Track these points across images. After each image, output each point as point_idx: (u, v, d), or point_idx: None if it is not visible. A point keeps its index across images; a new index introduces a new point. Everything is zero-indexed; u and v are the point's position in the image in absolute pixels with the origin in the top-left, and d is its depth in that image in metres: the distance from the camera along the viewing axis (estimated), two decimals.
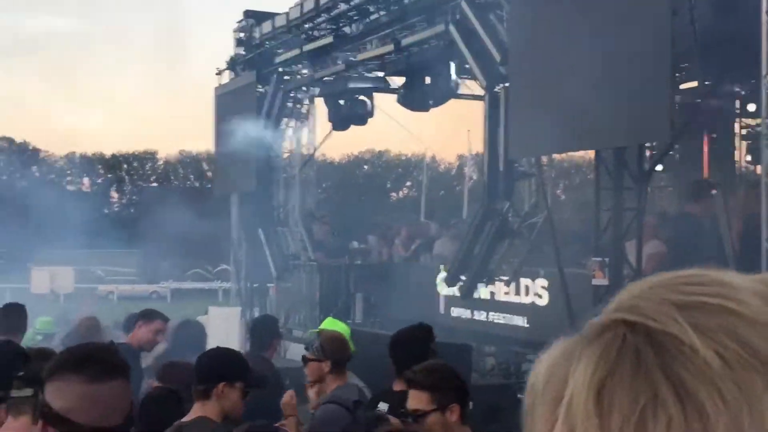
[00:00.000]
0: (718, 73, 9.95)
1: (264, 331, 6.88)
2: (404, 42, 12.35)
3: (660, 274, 0.69)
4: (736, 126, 16.21)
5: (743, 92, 15.17)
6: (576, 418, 0.64)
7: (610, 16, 8.43)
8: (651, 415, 0.61)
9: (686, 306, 0.65)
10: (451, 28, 11.00)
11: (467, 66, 11.43)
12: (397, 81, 14.39)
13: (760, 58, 7.90)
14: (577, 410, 0.64)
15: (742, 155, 16.17)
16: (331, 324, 6.23)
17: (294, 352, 14.95)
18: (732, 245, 8.11)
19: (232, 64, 17.12)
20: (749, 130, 16.17)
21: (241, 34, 16.89)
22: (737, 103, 15.76)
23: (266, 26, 15.79)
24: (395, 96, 14.30)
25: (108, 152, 65.69)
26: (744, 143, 16.18)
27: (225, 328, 13.41)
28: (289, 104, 16.29)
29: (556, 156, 17.63)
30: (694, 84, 11.43)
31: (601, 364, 0.64)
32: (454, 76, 12.63)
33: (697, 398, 0.61)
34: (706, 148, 12.99)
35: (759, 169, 13.74)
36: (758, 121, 14.73)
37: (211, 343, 13.57)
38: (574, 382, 0.65)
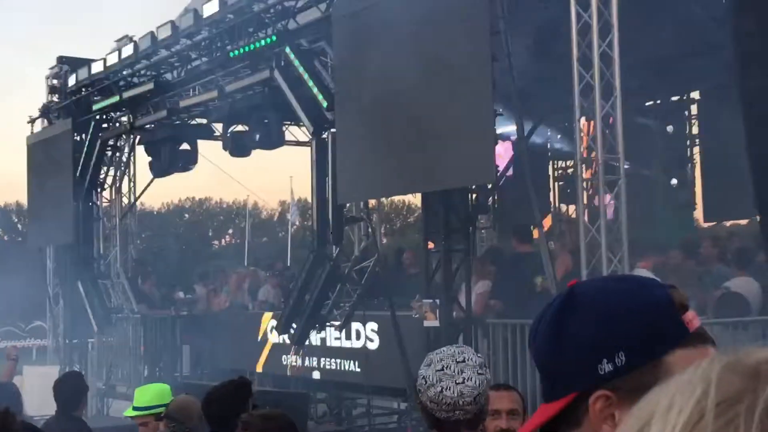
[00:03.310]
0: (535, 116, 10.37)
1: (71, 390, 6.50)
2: (228, 88, 12.22)
3: None
4: (549, 168, 17.00)
5: (557, 135, 15.92)
6: None
7: (433, 61, 8.64)
8: None
9: None
10: (276, 74, 10.98)
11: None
12: (219, 127, 14.24)
13: (573, 103, 8.30)
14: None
15: (555, 196, 16.96)
16: (144, 390, 5.88)
17: (116, 408, 14.36)
18: (555, 280, 8.39)
19: (46, 111, 16.43)
20: (561, 171, 16.99)
21: (55, 81, 16.26)
22: (548, 146, 16.53)
23: (82, 73, 15.25)
24: (218, 143, 14.12)
25: None
26: (557, 184, 16.99)
27: (41, 387, 12.70)
28: (108, 152, 15.79)
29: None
30: (513, 127, 11.86)
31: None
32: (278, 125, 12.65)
33: None
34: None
35: (572, 209, 14.42)
36: (570, 162, 15.51)
37: (28, 405, 12.87)
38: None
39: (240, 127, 13.43)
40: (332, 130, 10.22)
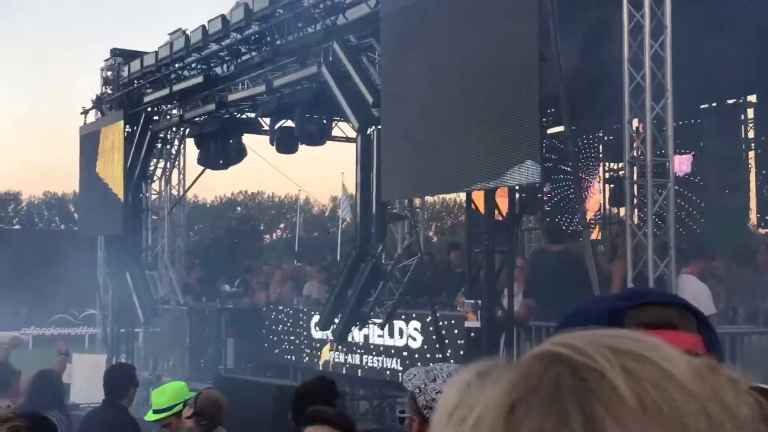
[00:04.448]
0: (583, 118, 10.19)
1: (118, 379, 6.58)
2: (276, 83, 12.23)
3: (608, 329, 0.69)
4: (600, 170, 16.73)
5: (607, 137, 15.68)
6: None
7: (481, 59, 8.53)
8: None
9: (621, 351, 0.65)
10: (324, 69, 10.95)
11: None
12: (268, 122, 14.26)
13: (623, 104, 8.13)
14: (484, 427, 0.63)
15: (606, 198, 16.69)
16: (161, 391, 5.87)
17: None
18: (599, 285, 8.23)
19: (99, 103, 16.63)
20: (611, 173, 16.71)
21: (108, 73, 16.45)
22: (600, 148, 16.28)
23: (134, 65, 15.42)
24: (267, 137, 14.15)
25: None
26: (607, 186, 16.70)
27: (89, 376, 12.81)
28: (158, 145, 15.92)
29: (428, 198, 17.79)
30: (561, 128, 11.69)
31: (519, 386, 0.64)
32: (324, 121, 12.66)
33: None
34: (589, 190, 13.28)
35: (622, 211, 14.17)
36: (621, 165, 15.25)
37: (75, 392, 13.01)
38: (484, 399, 0.65)
39: (288, 123, 13.45)
40: (378, 127, 10.16)
